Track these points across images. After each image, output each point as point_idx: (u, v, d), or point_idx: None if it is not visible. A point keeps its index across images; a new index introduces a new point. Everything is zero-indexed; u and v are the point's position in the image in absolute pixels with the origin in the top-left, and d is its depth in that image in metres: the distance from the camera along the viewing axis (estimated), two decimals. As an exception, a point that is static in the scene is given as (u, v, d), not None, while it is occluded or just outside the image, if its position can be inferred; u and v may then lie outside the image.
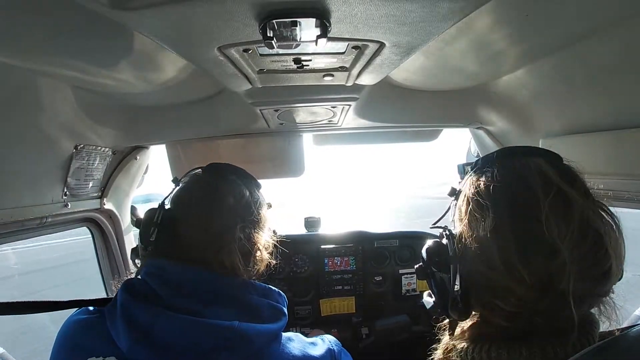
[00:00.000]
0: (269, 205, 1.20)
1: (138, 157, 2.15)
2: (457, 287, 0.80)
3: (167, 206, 1.09)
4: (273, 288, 1.09)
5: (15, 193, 1.34)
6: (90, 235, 2.20)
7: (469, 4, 0.77)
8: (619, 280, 0.76)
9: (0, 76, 1.07)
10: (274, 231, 1.20)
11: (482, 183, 0.81)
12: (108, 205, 2.03)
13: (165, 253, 1.00)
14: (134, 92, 1.46)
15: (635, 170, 1.18)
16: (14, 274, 8.84)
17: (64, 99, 1.36)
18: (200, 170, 1.15)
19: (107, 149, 1.80)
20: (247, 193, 1.11)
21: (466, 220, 0.81)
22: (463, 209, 0.84)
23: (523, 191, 0.76)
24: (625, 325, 0.80)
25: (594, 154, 1.30)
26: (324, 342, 1.10)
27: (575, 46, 1.18)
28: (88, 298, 1.02)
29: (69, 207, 1.65)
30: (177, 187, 1.12)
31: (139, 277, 0.99)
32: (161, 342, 0.85)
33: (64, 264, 10.06)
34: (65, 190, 1.59)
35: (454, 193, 0.90)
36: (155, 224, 1.04)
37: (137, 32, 0.94)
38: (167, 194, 1.12)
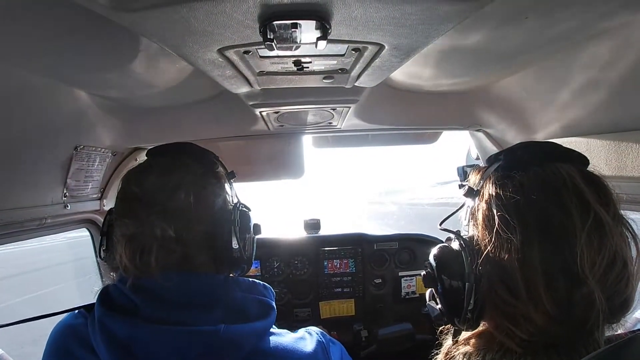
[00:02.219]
0: (230, 177, 1.11)
1: (138, 159, 2.15)
2: (471, 305, 0.75)
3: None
4: (257, 281, 1.01)
5: (15, 194, 1.34)
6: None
7: (469, 7, 0.77)
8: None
9: (0, 78, 1.08)
10: (254, 227, 1.11)
11: (507, 193, 0.74)
12: (108, 207, 2.02)
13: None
14: (134, 94, 1.46)
15: (635, 173, 1.18)
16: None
17: (63, 101, 1.36)
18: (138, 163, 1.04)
19: (106, 150, 1.80)
20: (188, 191, 0.96)
21: (487, 234, 0.75)
22: (481, 216, 0.78)
23: (558, 217, 0.70)
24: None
25: (593, 156, 1.31)
26: (312, 335, 1.03)
27: (574, 49, 1.18)
28: (78, 305, 0.98)
29: (69, 208, 1.65)
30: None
31: (115, 284, 0.93)
32: (143, 356, 0.82)
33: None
34: (64, 191, 1.60)
35: (472, 193, 0.83)
36: (104, 233, 0.99)
37: (137, 34, 0.94)
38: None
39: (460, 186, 0.95)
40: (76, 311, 0.97)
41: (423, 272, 0.88)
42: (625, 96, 1.19)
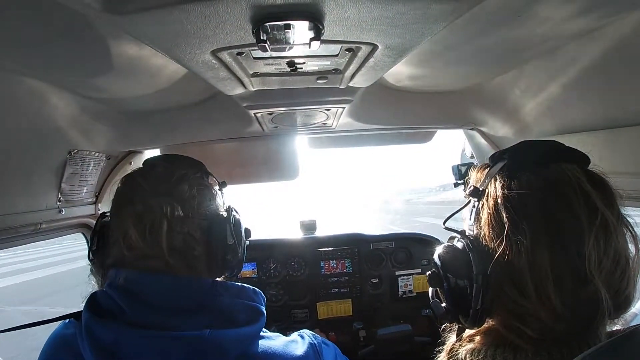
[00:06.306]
0: (222, 186, 1.13)
1: (132, 162, 2.14)
2: (479, 305, 0.75)
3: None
4: (247, 286, 1.00)
5: (9, 199, 1.33)
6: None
7: (462, 6, 0.77)
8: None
9: None
10: (245, 230, 1.12)
11: (515, 195, 0.74)
12: (103, 211, 2.01)
13: (121, 262, 0.93)
14: (128, 97, 1.45)
15: (628, 169, 1.19)
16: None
17: (56, 105, 1.35)
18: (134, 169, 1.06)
19: (100, 154, 1.79)
20: (191, 185, 0.99)
21: (495, 235, 0.75)
22: (486, 216, 0.78)
23: (568, 220, 0.70)
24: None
25: (586, 153, 1.31)
26: (304, 338, 1.04)
27: (566, 46, 1.19)
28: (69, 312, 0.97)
29: (64, 213, 1.64)
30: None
31: (104, 289, 0.92)
32: None
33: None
34: (59, 196, 1.59)
35: (477, 193, 0.82)
36: (95, 233, 1.00)
37: (130, 37, 0.94)
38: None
39: (456, 184, 0.95)
40: (67, 321, 0.96)
41: (428, 272, 0.87)
42: (617, 93, 1.20)
